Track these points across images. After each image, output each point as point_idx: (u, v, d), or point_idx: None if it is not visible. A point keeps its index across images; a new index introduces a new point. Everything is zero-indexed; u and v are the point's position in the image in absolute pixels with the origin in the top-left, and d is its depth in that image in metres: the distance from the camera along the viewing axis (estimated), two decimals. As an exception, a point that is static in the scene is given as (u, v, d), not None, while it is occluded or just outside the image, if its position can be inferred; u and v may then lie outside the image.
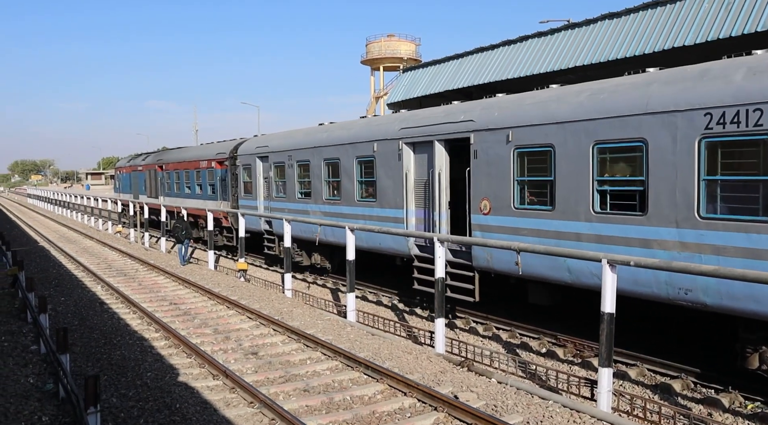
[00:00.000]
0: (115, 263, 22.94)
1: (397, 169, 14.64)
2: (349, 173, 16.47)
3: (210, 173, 26.32)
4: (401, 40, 76.82)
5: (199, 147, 29.94)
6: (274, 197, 20.61)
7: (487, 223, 12.29)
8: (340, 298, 16.92)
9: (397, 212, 14.77)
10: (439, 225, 13.61)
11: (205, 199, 26.74)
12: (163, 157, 33.48)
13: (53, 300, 15.43)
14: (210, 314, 14.22)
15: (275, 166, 20.50)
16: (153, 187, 34.47)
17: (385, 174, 15.09)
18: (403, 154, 14.42)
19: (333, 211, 17.20)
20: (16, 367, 10.03)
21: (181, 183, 29.94)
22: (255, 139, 23.20)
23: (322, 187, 17.75)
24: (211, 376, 9.63)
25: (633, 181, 9.69)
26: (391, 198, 14.91)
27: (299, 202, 19.05)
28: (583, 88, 10.82)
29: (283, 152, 19.92)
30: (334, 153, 17.03)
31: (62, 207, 54.61)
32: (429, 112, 14.35)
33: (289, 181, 19.60)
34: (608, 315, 8.30)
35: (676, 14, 15.05)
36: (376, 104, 74.49)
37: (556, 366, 10.76)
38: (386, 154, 14.96)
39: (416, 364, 10.22)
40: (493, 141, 12.04)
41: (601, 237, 10.04)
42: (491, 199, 12.14)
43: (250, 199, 22.41)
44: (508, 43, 20.44)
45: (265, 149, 21.08)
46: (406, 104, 24.58)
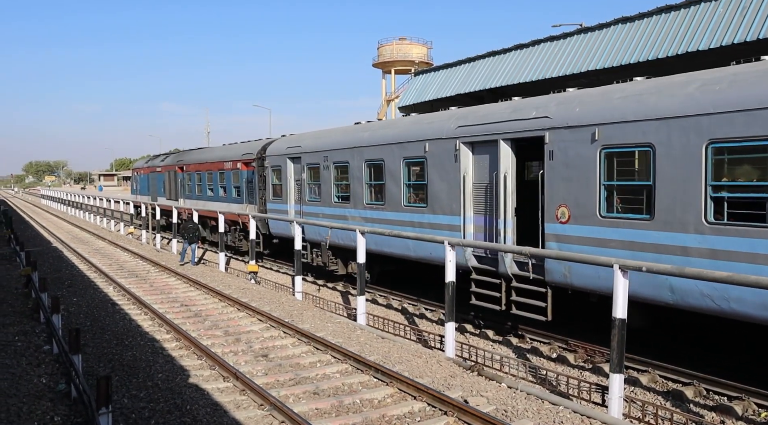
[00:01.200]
0: (127, 264, 23.09)
1: (453, 172, 13.24)
2: (394, 176, 15.10)
3: (235, 175, 24.90)
4: (413, 43, 76.77)
5: (224, 147, 28.23)
6: (307, 201, 19.19)
7: (565, 233, 10.85)
8: (350, 301, 16.92)
9: (452, 219, 13.37)
10: (504, 234, 12.17)
11: (230, 202, 25.38)
12: (183, 157, 32.00)
13: (66, 301, 15.55)
14: (221, 316, 14.28)
15: (308, 167, 19.07)
16: (173, 188, 33.03)
17: (438, 177, 13.71)
18: (461, 155, 13.02)
19: (376, 216, 15.81)
20: (29, 367, 10.11)
21: (203, 185, 28.60)
22: (285, 139, 21.72)
23: (363, 191, 16.35)
24: (222, 378, 9.67)
25: (763, 186, 8.27)
26: (445, 203, 13.52)
27: (336, 206, 17.64)
28: (690, 78, 9.56)
29: (317, 153, 18.52)
30: (377, 153, 15.68)
31: (75, 208, 55.03)
32: (491, 109, 13.01)
33: (324, 184, 18.19)
34: (620, 320, 8.26)
35: (690, 19, 14.97)
36: (387, 107, 74.49)
37: (566, 371, 10.71)
38: (440, 155, 13.59)
39: (426, 368, 10.20)
40: (573, 140, 10.60)
41: (716, 252, 8.67)
42: (571, 205, 10.70)
43: (279, 203, 21.09)
44: (520, 47, 20.41)
45: (297, 149, 19.68)
46: (417, 108, 24.58)
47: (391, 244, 15.07)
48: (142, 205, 34.92)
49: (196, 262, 23.02)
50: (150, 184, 37.47)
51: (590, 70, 17.16)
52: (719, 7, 14.41)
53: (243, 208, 23.93)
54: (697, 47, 14.42)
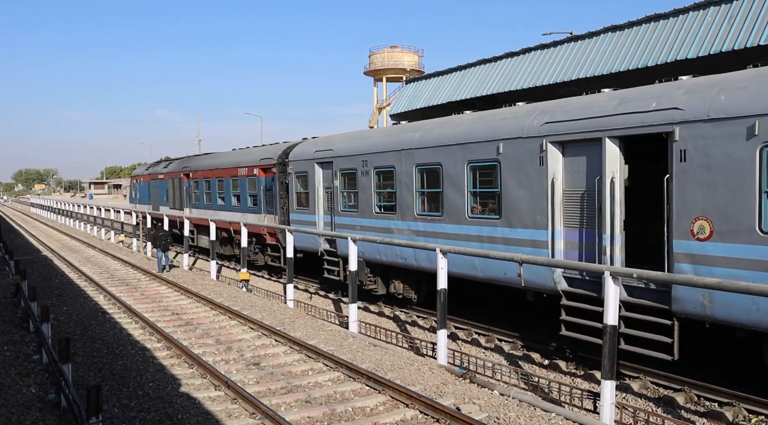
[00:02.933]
0: (117, 273, 22.95)
1: (537, 177, 11.20)
2: (455, 182, 13.04)
3: (251, 182, 22.71)
4: (404, 51, 77.07)
5: (238, 151, 25.96)
6: (341, 211, 17.14)
7: (705, 253, 8.80)
8: (342, 309, 16.90)
9: (536, 233, 11.31)
10: (611, 252, 10.02)
11: (245, 212, 23.22)
12: (190, 163, 29.57)
13: (55, 310, 15.44)
14: (212, 324, 14.21)
15: (342, 173, 17.03)
16: (177, 197, 30.62)
17: (515, 183, 11.64)
18: (548, 157, 10.96)
19: (430, 230, 13.80)
20: (18, 377, 10.02)
21: (213, 193, 26.32)
22: (313, 142, 19.66)
23: (414, 200, 14.29)
24: (213, 387, 9.62)
25: None
26: (526, 214, 11.45)
27: (378, 217, 15.58)
28: None
29: (354, 156, 16.44)
30: (433, 156, 13.68)
31: (65, 216, 54.72)
32: (587, 101, 10.97)
33: (362, 192, 16.14)
34: (611, 327, 8.29)
35: (679, 27, 15.12)
36: (378, 115, 74.68)
37: (558, 378, 10.73)
38: (518, 157, 11.55)
39: (418, 376, 10.19)
40: (719, 136, 8.59)
41: None
42: (714, 218, 8.68)
43: (305, 213, 18.98)
44: (511, 55, 20.54)
45: (328, 153, 17.65)
46: (408, 115, 24.65)
47: (451, 262, 12.11)
48: (138, 215, 34.42)
49: (166, 269, 22.87)
50: (151, 193, 35.14)
51: (581, 77, 17.28)
52: (707, 15, 14.57)
53: (260, 219, 21.94)
54: (686, 55, 14.57)
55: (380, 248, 15.08)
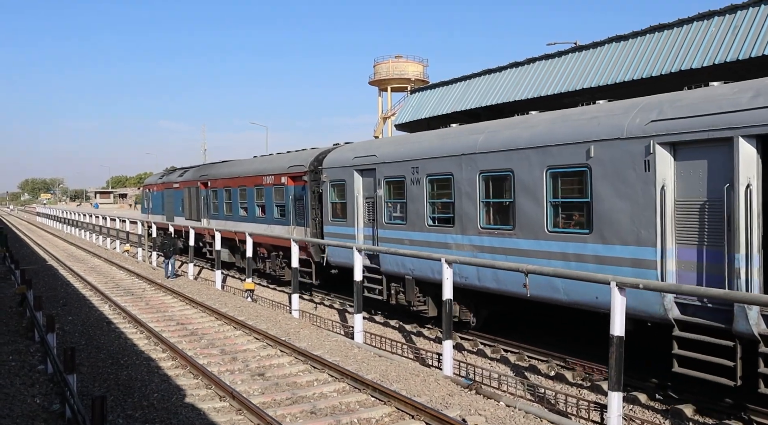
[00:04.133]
0: (122, 282, 22.99)
1: (641, 184, 9.58)
2: (531, 190, 11.43)
3: (278, 191, 21.09)
4: (409, 61, 77.47)
5: (262, 159, 24.29)
6: (386, 223, 15.45)
7: None
8: (348, 319, 16.86)
9: (640, 251, 9.63)
10: (746, 275, 8.40)
11: (271, 223, 21.60)
12: (208, 171, 28.02)
13: (61, 320, 15.45)
14: (217, 334, 14.20)
15: (388, 181, 15.37)
16: (194, 207, 28.95)
17: (613, 191, 10.02)
18: (656, 161, 9.33)
19: (498, 245, 12.19)
20: (23, 387, 10.02)
21: (234, 203, 24.62)
22: (350, 147, 18.11)
23: (477, 211, 12.64)
24: (218, 397, 9.59)
25: None
26: (626, 228, 9.83)
27: (431, 230, 13.95)
28: None
29: (402, 163, 14.81)
30: (501, 162, 12.07)
31: (70, 225, 54.89)
32: (709, 94, 9.30)
33: (412, 202, 14.46)
34: (617, 338, 8.24)
35: (683, 37, 15.14)
36: (383, 125, 74.89)
37: (565, 389, 10.66)
38: (615, 162, 9.96)
39: (424, 387, 10.15)
40: None
41: None
42: None
43: (341, 225, 17.35)
44: (515, 65, 20.59)
45: (371, 159, 16.02)
46: (413, 125, 24.72)
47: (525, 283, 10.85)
48: (144, 224, 34.48)
49: (173, 276, 23.93)
50: (165, 202, 33.61)
51: (585, 87, 17.31)
52: (711, 26, 14.59)
53: (289, 231, 20.24)
54: (691, 65, 14.58)
55: (434, 266, 13.10)
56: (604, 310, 9.50)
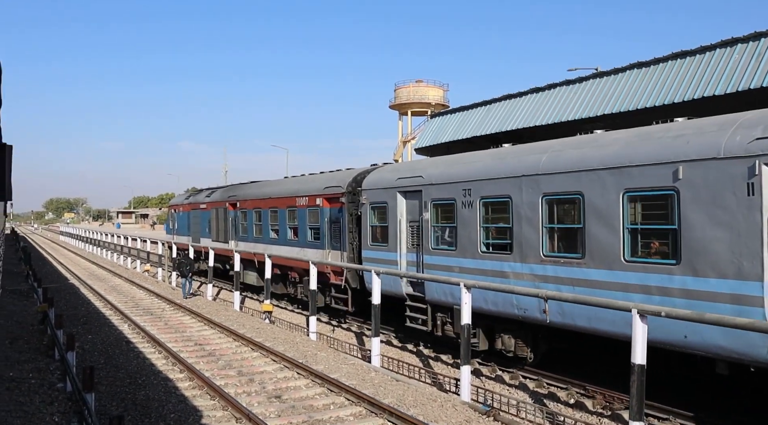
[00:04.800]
0: (142, 302, 23.16)
1: (744, 210, 8.62)
2: (604, 216, 10.38)
3: (312, 213, 20.16)
4: (429, 85, 77.93)
5: (296, 179, 23.41)
6: (432, 249, 14.43)
7: None
8: (365, 342, 16.78)
9: (742, 286, 8.62)
10: None
11: (304, 247, 20.64)
12: (237, 192, 27.21)
13: (81, 338, 15.57)
14: (234, 356, 14.21)
15: (435, 204, 14.42)
16: (222, 229, 28.12)
17: (707, 217, 9.02)
18: (762, 183, 8.45)
19: (564, 275, 11.11)
20: (42, 405, 10.08)
21: (265, 225, 23.72)
22: (393, 168, 17.21)
23: (540, 238, 11.61)
24: (234, 419, 9.58)
25: None
26: (724, 259, 8.79)
27: (485, 257, 12.91)
28: None
29: (452, 184, 13.86)
30: (569, 184, 11.10)
31: (92, 244, 55.55)
32: None
33: (463, 227, 13.45)
34: (639, 366, 8.11)
35: (706, 64, 15.08)
36: (403, 148, 75.17)
37: (585, 418, 10.48)
38: (710, 184, 8.99)
39: (441, 412, 10.04)
40: None
41: None
42: None
43: (382, 250, 16.33)
44: (536, 91, 20.62)
45: (416, 181, 15.11)
46: (433, 149, 24.77)
47: (598, 318, 10.13)
48: (165, 244, 34.75)
49: (189, 296, 24.57)
50: (191, 223, 32.75)
51: (606, 113, 17.26)
52: (734, 52, 14.52)
53: (324, 255, 19.30)
54: (713, 92, 14.49)
55: (488, 296, 12.41)
56: (700, 352, 9.05)
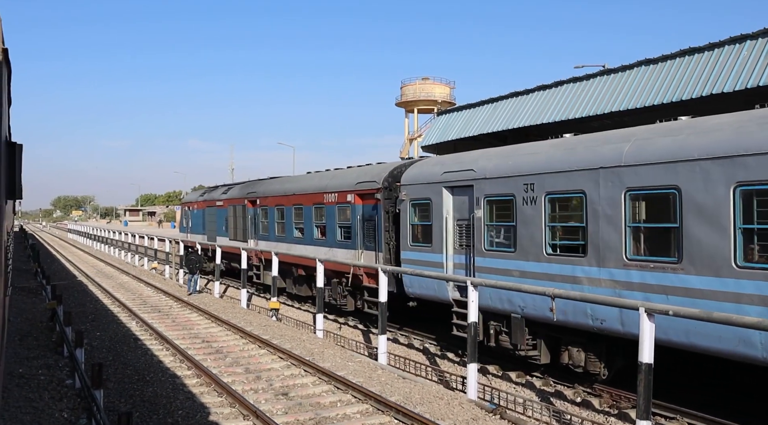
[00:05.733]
0: (150, 299, 23.26)
1: None
2: (708, 214, 9.03)
3: (342, 210, 18.91)
4: (436, 83, 77.80)
5: (323, 174, 21.72)
6: (486, 250, 13.08)
7: None
8: (372, 340, 16.81)
9: None
10: None
11: (332, 246, 19.36)
12: (256, 188, 25.94)
13: (89, 335, 15.66)
14: (242, 353, 14.26)
15: (489, 201, 13.10)
16: (240, 227, 27.02)
17: None
18: None
19: (655, 282, 9.67)
20: (51, 401, 10.15)
21: (288, 223, 22.45)
22: (437, 161, 15.81)
23: (623, 238, 10.19)
24: (242, 416, 9.62)
25: None
26: None
27: (551, 260, 11.57)
28: None
29: (511, 178, 12.52)
30: (661, 177, 9.62)
31: (100, 242, 55.80)
32: None
33: (524, 226, 12.12)
34: (646, 365, 8.10)
35: (714, 61, 15.00)
36: (410, 146, 75.15)
37: (592, 416, 10.47)
38: None
39: (448, 410, 10.05)
40: None
41: None
42: None
43: (424, 251, 14.99)
44: (543, 88, 20.56)
45: (466, 175, 13.74)
46: (440, 147, 24.75)
47: (701, 333, 8.87)
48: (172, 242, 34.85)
49: (198, 291, 25.06)
50: (206, 221, 31.69)
51: (614, 111, 17.19)
52: (744, 49, 14.44)
53: (355, 256, 18.03)
54: (722, 89, 14.40)
55: (556, 304, 10.75)
56: None
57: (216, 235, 29.93)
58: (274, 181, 25.87)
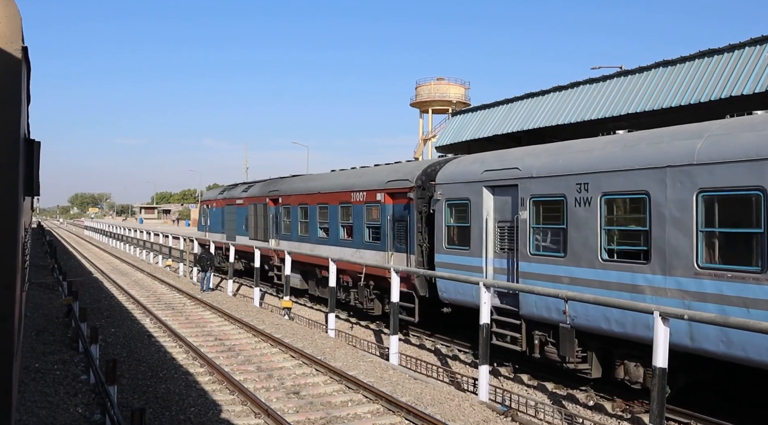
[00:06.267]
0: (164, 296, 23.42)
1: None
2: None
3: (371, 210, 18.02)
4: (450, 83, 77.62)
5: (350, 172, 20.92)
6: (531, 255, 12.13)
7: None
8: (383, 340, 16.81)
9: None
10: None
11: (360, 248, 18.53)
12: (279, 186, 24.92)
13: (104, 331, 15.80)
14: (254, 351, 14.32)
15: (536, 201, 12.17)
16: (261, 226, 26.23)
17: None
18: None
19: (733, 293, 8.74)
20: (66, 396, 10.26)
21: (312, 222, 21.57)
22: (477, 159, 14.69)
23: (694, 244, 9.25)
24: (253, 414, 9.65)
25: None
26: None
27: (607, 267, 10.62)
28: None
29: (561, 178, 11.55)
30: (744, 177, 8.70)
31: (116, 239, 56.30)
32: None
33: (577, 229, 11.13)
34: (660, 370, 8.03)
35: (734, 63, 14.84)
36: (424, 146, 75.06)
37: (604, 420, 10.39)
38: None
39: (459, 412, 10.03)
40: None
41: None
42: None
43: (461, 254, 14.05)
44: (558, 89, 20.47)
45: (510, 173, 12.85)
46: (454, 148, 24.72)
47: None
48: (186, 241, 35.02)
49: (210, 289, 25.34)
50: (225, 219, 30.91)
51: (630, 112, 17.08)
52: (764, 51, 14.27)
53: (385, 258, 17.15)
54: (742, 91, 14.26)
55: (609, 313, 10.29)
56: None
57: (235, 234, 29.18)
58: (297, 178, 24.85)
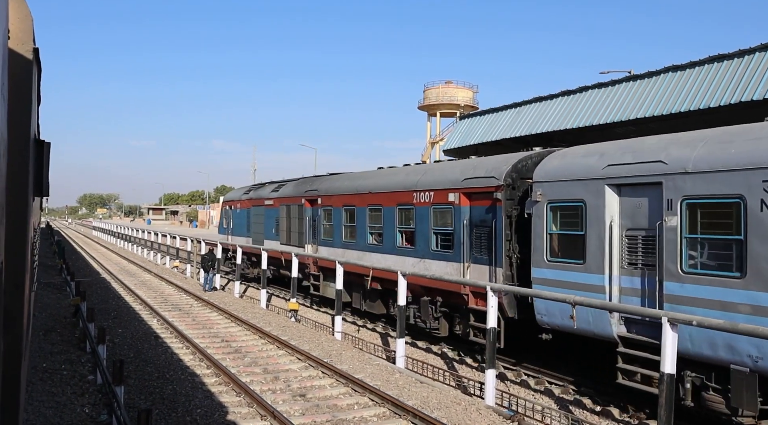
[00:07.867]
0: (171, 298, 23.49)
1: None
2: None
3: (441, 213, 15.27)
4: (459, 86, 77.62)
5: (410, 169, 18.16)
6: (684, 272, 9.42)
7: None
8: (390, 343, 16.78)
9: None
10: None
11: (424, 257, 15.74)
12: (318, 186, 22.13)
13: (111, 332, 15.86)
14: (260, 353, 14.33)
15: (691, 204, 9.46)
16: (295, 229, 23.47)
17: None
18: None
19: None
20: (74, 396, 10.30)
21: (360, 227, 18.86)
22: (594, 150, 11.74)
23: None
24: (260, 416, 9.66)
25: None
26: None
27: None
28: None
29: (732, 173, 8.84)
30: None
31: (124, 240, 56.54)
32: None
33: (763, 242, 8.42)
34: (668, 375, 7.99)
35: (744, 68, 14.77)
36: (431, 150, 75.03)
37: (611, 426, 10.34)
38: None
39: (465, 416, 10.00)
40: None
41: None
42: None
43: (571, 269, 11.45)
44: (567, 94, 20.43)
45: (649, 168, 10.10)
46: (462, 151, 24.70)
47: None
48: (192, 243, 35.08)
49: (212, 289, 25.78)
50: (251, 222, 28.24)
51: (639, 117, 17.02)
52: (774, 56, 14.19)
53: (458, 270, 14.51)
54: (752, 97, 14.18)
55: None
56: None
57: (263, 238, 26.57)
58: (340, 176, 21.98)
